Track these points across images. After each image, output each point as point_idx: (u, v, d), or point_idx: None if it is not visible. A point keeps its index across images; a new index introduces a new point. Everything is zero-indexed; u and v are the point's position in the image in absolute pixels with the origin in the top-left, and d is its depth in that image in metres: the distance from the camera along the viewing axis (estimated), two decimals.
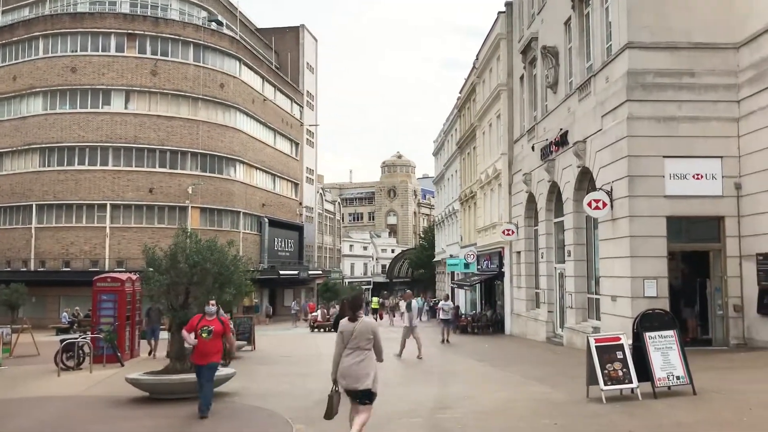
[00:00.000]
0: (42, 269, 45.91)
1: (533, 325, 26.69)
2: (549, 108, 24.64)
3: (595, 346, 10.53)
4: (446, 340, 25.46)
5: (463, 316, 35.89)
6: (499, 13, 32.71)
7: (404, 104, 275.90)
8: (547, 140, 23.65)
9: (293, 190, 65.49)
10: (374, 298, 58.35)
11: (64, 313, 37.69)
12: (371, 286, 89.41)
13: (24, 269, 45.90)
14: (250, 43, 59.12)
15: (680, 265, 18.36)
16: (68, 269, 45.54)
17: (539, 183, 25.40)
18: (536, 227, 26.96)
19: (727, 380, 11.62)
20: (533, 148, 26.01)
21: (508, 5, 31.86)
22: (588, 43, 20.92)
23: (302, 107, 68.66)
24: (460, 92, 46.86)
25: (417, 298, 58.31)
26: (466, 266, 40.24)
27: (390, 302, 54.23)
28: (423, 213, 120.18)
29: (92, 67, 46.89)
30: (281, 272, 55.19)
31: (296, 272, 59.90)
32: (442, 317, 27.19)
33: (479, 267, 37.92)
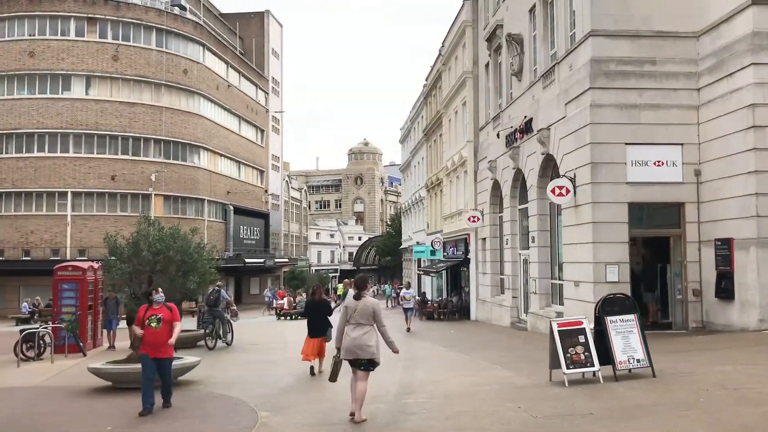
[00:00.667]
0: (1, 258, 44.96)
1: (498, 311, 26.96)
2: (514, 95, 24.78)
3: (558, 331, 10.67)
4: (408, 329, 25.47)
5: (430, 303, 36.10)
6: (465, 1, 32.72)
7: (372, 92, 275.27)
8: (512, 128, 23.81)
9: (259, 178, 65.00)
10: (340, 285, 58.42)
11: (24, 303, 36.97)
12: (338, 274, 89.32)
13: None
14: (214, 29, 58.32)
15: (641, 251, 18.67)
16: (28, 258, 44.68)
17: (504, 170, 25.57)
18: (501, 214, 27.18)
19: (686, 363, 11.88)
20: (498, 136, 26.16)
21: None
22: (552, 31, 21.06)
23: (267, 94, 68.05)
24: (426, 79, 46.86)
25: (386, 286, 58.48)
26: (433, 253, 40.45)
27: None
28: (390, 200, 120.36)
29: (51, 52, 45.84)
30: (247, 260, 54.84)
31: (262, 260, 59.57)
32: (404, 305, 27.31)
33: (445, 254, 38.13)
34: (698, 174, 16.82)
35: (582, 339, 10.67)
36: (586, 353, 10.59)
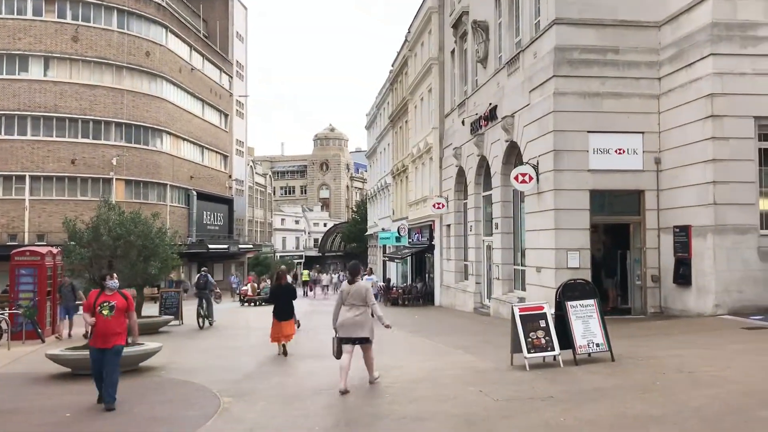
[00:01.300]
0: None
1: (462, 297, 27.19)
2: (479, 83, 24.87)
3: (519, 316, 10.80)
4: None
5: (394, 289, 36.25)
6: None
7: (339, 77, 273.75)
8: (477, 115, 23.91)
9: (223, 163, 64.33)
10: (305, 271, 58.30)
11: None
12: (303, 260, 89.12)
13: None
14: (177, 11, 57.29)
15: (602, 238, 18.97)
16: None
17: (469, 157, 25.70)
18: (466, 201, 27.34)
19: (644, 347, 12.12)
20: (463, 123, 26.26)
21: None
22: (517, 19, 21.16)
23: (231, 77, 67.24)
24: (393, 65, 46.75)
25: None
26: (398, 239, 40.55)
27: (322, 277, 54.07)
28: (356, 187, 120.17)
29: (7, 31, 44.59)
30: (210, 246, 54.35)
31: (226, 246, 59.10)
32: None
33: (410, 240, 38.26)
34: (658, 162, 17.11)
35: (543, 324, 10.82)
36: (547, 338, 10.74)
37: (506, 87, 21.25)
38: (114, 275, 10.05)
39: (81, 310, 16.43)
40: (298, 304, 16.00)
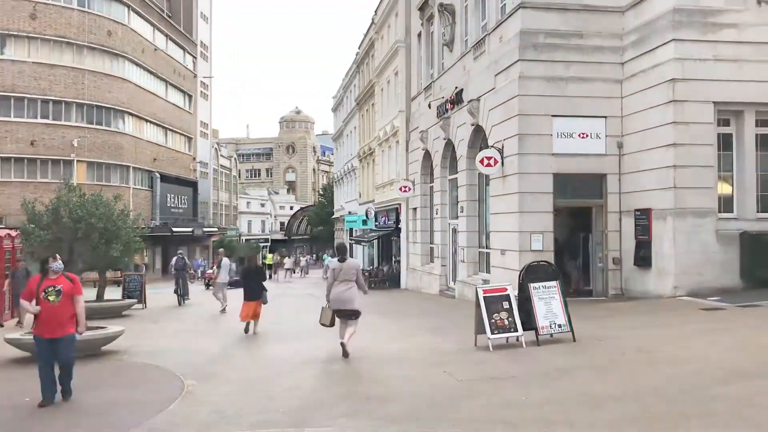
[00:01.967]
0: None
1: (427, 279, 27.35)
2: (445, 66, 24.87)
3: (483, 297, 10.91)
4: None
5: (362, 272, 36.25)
6: None
7: (305, 59, 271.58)
8: (443, 98, 23.94)
9: (187, 145, 63.44)
10: (269, 255, 58.09)
11: None
12: (269, 244, 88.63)
13: None
14: None
15: (566, 221, 19.20)
16: None
17: (435, 141, 25.76)
18: (432, 184, 27.43)
19: (604, 328, 12.35)
20: (429, 106, 26.28)
21: None
22: (483, 2, 21.16)
23: (195, 58, 66.19)
24: (359, 48, 46.49)
25: (325, 255, 58.29)
26: (365, 222, 40.59)
27: (287, 261, 53.77)
28: (322, 170, 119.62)
29: None
30: (174, 229, 53.70)
31: (190, 229, 58.47)
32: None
33: (377, 223, 38.30)
34: (620, 146, 17.35)
35: (506, 305, 10.95)
36: (510, 319, 10.88)
37: (472, 70, 21.29)
38: (57, 256, 9.10)
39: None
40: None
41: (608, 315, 14.54)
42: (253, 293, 15.44)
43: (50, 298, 8.60)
